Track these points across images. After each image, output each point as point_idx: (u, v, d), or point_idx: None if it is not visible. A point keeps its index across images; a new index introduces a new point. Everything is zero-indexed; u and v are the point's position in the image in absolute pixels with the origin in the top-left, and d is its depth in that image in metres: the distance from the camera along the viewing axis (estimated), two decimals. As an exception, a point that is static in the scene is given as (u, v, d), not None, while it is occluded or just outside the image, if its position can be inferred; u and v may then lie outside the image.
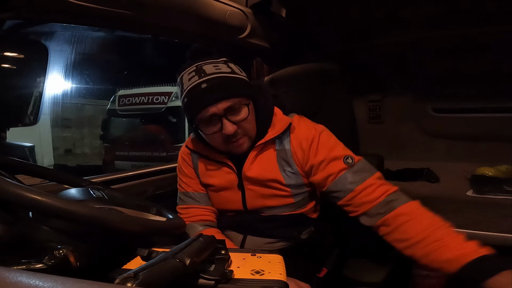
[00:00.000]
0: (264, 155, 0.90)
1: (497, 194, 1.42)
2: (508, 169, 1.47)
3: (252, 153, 0.89)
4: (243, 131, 0.83)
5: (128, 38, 6.05)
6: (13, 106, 1.03)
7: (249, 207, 0.94)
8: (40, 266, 0.47)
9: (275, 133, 0.88)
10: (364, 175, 0.83)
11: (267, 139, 0.87)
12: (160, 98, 5.38)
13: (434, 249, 0.72)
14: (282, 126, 0.88)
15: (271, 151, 0.90)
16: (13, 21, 0.96)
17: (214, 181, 0.95)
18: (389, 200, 0.80)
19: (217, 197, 0.97)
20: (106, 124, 5.70)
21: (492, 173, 1.48)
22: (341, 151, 0.86)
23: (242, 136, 0.84)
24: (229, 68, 0.83)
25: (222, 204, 0.98)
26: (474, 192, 1.47)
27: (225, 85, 0.80)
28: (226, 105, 0.79)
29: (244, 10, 1.27)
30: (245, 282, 0.50)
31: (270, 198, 0.91)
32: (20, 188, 0.48)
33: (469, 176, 1.51)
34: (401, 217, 0.78)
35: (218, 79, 0.79)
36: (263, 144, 0.88)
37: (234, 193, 0.93)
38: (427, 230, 0.74)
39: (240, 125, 0.82)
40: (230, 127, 0.80)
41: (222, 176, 0.93)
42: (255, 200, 0.92)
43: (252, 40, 1.36)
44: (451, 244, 0.71)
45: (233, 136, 0.82)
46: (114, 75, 6.76)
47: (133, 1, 0.93)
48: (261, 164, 0.89)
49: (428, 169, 1.69)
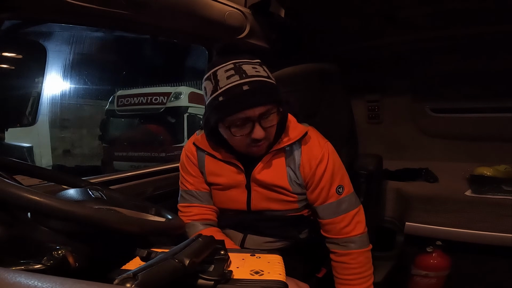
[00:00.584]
0: (275, 161, 0.91)
1: (496, 194, 1.42)
2: (507, 169, 1.47)
3: (266, 157, 0.90)
4: (268, 136, 0.84)
5: (127, 38, 6.04)
6: (12, 107, 1.02)
7: (253, 208, 0.95)
8: (39, 266, 0.47)
9: (290, 141, 0.89)
10: (347, 208, 0.93)
11: (282, 145, 0.89)
12: (159, 98, 5.38)
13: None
14: (297, 135, 0.90)
15: (281, 158, 0.91)
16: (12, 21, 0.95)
17: (221, 180, 0.94)
18: (350, 241, 0.93)
19: (222, 195, 0.97)
20: (105, 125, 5.69)
21: (491, 173, 1.49)
22: (338, 181, 0.93)
23: (264, 141, 0.85)
24: (265, 72, 0.83)
25: (225, 203, 0.98)
26: (472, 192, 1.48)
27: (265, 90, 0.79)
28: (262, 110, 0.79)
29: (243, 11, 1.27)
30: (244, 282, 0.50)
31: (276, 202, 0.93)
32: (18, 189, 0.48)
33: (467, 176, 1.52)
34: (345, 258, 0.93)
35: (259, 83, 0.78)
36: (276, 150, 0.89)
37: (240, 193, 0.94)
38: (350, 276, 0.92)
39: (267, 130, 0.82)
40: (260, 132, 0.80)
41: (230, 175, 0.93)
42: (260, 202, 0.94)
43: (251, 40, 1.36)
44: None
45: (258, 140, 0.82)
46: (113, 76, 6.74)
47: (132, 2, 0.93)
48: (271, 170, 0.90)
49: (426, 169, 1.70)
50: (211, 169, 0.95)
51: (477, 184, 1.47)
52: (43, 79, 1.07)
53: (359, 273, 0.92)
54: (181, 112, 5.31)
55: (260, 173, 0.90)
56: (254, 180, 0.91)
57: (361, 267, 0.93)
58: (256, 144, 0.83)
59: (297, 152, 0.91)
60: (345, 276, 0.93)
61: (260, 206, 0.94)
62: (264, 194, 0.92)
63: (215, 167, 0.95)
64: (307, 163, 0.90)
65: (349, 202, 0.94)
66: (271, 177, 0.90)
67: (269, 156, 0.90)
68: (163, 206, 0.83)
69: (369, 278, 0.93)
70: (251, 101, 0.77)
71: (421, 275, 1.47)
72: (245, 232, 0.99)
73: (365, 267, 0.93)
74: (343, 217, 0.92)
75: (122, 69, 6.95)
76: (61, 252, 0.50)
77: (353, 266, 0.92)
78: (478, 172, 1.52)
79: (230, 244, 0.92)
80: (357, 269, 0.92)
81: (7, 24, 0.88)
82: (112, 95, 5.72)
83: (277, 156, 0.91)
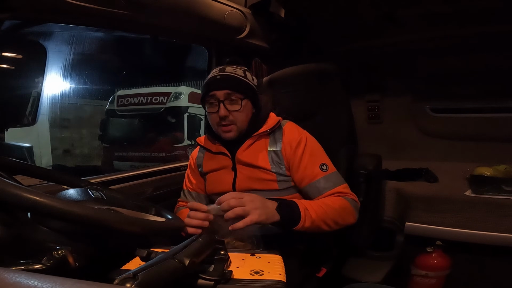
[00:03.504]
0: (257, 145, 1.07)
1: (496, 194, 1.42)
2: (507, 169, 1.47)
3: (247, 142, 1.07)
4: (233, 119, 1.03)
5: (127, 38, 6.04)
6: (12, 107, 1.02)
7: (238, 188, 1.06)
8: (39, 266, 0.47)
9: (268, 127, 1.07)
10: (335, 183, 1.01)
11: (260, 131, 1.07)
12: (159, 98, 5.38)
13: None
14: (273, 122, 1.08)
15: (264, 142, 1.08)
16: (12, 21, 0.95)
17: (212, 165, 1.13)
18: (343, 196, 1.00)
19: (212, 179, 1.12)
20: (105, 125, 5.69)
21: (491, 173, 1.48)
22: (320, 159, 1.04)
23: (230, 124, 1.03)
24: (243, 73, 1.06)
25: (215, 186, 1.11)
26: (472, 192, 1.47)
27: (232, 81, 1.02)
28: (225, 93, 1.01)
29: (243, 11, 1.28)
30: (244, 282, 0.50)
31: (257, 181, 1.04)
32: (18, 189, 0.48)
33: (467, 176, 1.51)
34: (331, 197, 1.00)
35: (229, 76, 1.03)
36: (257, 136, 1.07)
37: (227, 174, 1.09)
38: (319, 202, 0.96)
39: (232, 113, 1.02)
40: (223, 111, 1.01)
41: (220, 162, 1.11)
42: (244, 181, 1.05)
43: (251, 40, 1.36)
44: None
45: (223, 120, 1.02)
46: (113, 76, 6.74)
47: (132, 2, 0.93)
48: (253, 151, 1.06)
49: (426, 169, 1.70)
50: (207, 160, 1.15)
51: (477, 184, 1.47)
52: (43, 79, 1.07)
53: (327, 204, 0.94)
54: (181, 112, 5.32)
55: (242, 154, 1.06)
56: (238, 161, 1.07)
57: (333, 204, 0.95)
58: (223, 124, 1.03)
59: (278, 137, 1.07)
60: (315, 201, 0.96)
61: (243, 186, 1.05)
62: (247, 174, 1.05)
63: (210, 159, 1.14)
64: (287, 145, 1.05)
65: (336, 177, 1.03)
66: (252, 157, 1.05)
67: (250, 141, 1.07)
68: (163, 206, 0.83)
69: (325, 214, 0.93)
70: (216, 85, 1.02)
71: (421, 275, 1.47)
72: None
73: (334, 208, 0.95)
74: (335, 189, 1.00)
75: (122, 69, 6.95)
76: (61, 252, 0.50)
77: (329, 199, 0.97)
78: (478, 172, 1.51)
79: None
80: (329, 202, 0.95)
81: (7, 24, 0.88)
82: (112, 95, 5.72)
83: (259, 141, 1.08)
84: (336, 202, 0.96)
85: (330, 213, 0.93)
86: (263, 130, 1.06)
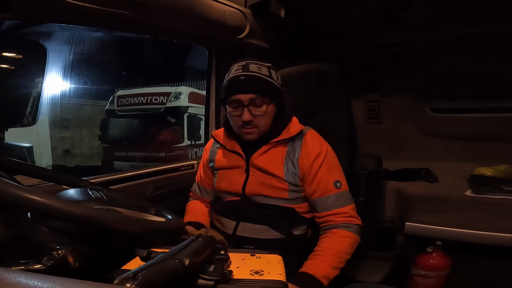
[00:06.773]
0: (274, 151, 1.04)
1: (496, 194, 1.42)
2: (507, 169, 1.47)
3: (264, 147, 1.04)
4: (256, 123, 0.99)
5: (127, 38, 6.03)
6: (12, 107, 1.02)
7: (247, 191, 1.04)
8: (39, 266, 0.47)
9: (288, 135, 1.04)
10: (345, 202, 1.00)
11: (280, 138, 1.04)
12: (159, 98, 5.38)
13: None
14: (295, 131, 1.04)
15: (281, 150, 1.04)
16: (12, 22, 0.95)
17: (225, 163, 1.10)
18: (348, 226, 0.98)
19: (224, 176, 1.10)
20: (105, 125, 5.69)
21: (491, 173, 1.48)
22: (336, 176, 1.02)
23: (253, 127, 1.00)
24: (268, 72, 0.99)
25: (225, 184, 1.09)
26: (472, 192, 1.48)
27: (258, 84, 0.97)
28: (251, 97, 0.96)
29: (243, 11, 1.27)
30: (244, 282, 0.50)
31: (268, 187, 1.02)
32: (18, 189, 0.48)
33: (467, 176, 1.52)
34: (338, 235, 0.97)
35: (255, 77, 0.97)
36: (276, 142, 1.04)
37: (239, 174, 1.06)
38: (330, 251, 0.93)
39: (257, 117, 0.98)
40: (247, 116, 0.97)
41: (233, 161, 1.09)
42: (255, 185, 1.03)
43: (251, 40, 1.36)
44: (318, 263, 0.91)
45: (247, 124, 0.98)
46: (113, 76, 6.74)
47: (132, 2, 0.93)
48: (269, 157, 1.03)
49: (426, 169, 1.70)
50: (220, 157, 1.12)
51: (477, 184, 1.47)
52: (43, 79, 1.08)
53: (340, 251, 0.93)
54: (181, 112, 5.32)
55: (258, 159, 1.04)
56: (252, 164, 1.04)
57: (345, 248, 0.94)
58: (246, 127, 0.99)
59: (298, 146, 1.03)
60: (326, 250, 0.93)
61: (253, 190, 1.03)
62: (259, 179, 1.03)
63: (224, 156, 1.12)
64: (305, 156, 1.01)
65: (347, 197, 1.01)
66: (267, 163, 1.02)
67: (268, 146, 1.04)
68: (163, 206, 0.83)
69: (340, 262, 0.93)
70: (241, 87, 0.97)
71: (421, 275, 1.47)
72: (238, 220, 1.05)
73: (346, 252, 0.94)
74: (343, 209, 0.98)
75: (122, 69, 6.95)
76: (61, 252, 0.50)
77: (339, 243, 0.94)
78: (478, 172, 1.52)
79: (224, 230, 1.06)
80: (341, 248, 0.93)
81: (7, 24, 0.88)
82: (112, 95, 5.71)
83: (277, 148, 1.04)
84: (346, 245, 0.95)
85: (343, 257, 0.94)
86: (284, 137, 1.03)
